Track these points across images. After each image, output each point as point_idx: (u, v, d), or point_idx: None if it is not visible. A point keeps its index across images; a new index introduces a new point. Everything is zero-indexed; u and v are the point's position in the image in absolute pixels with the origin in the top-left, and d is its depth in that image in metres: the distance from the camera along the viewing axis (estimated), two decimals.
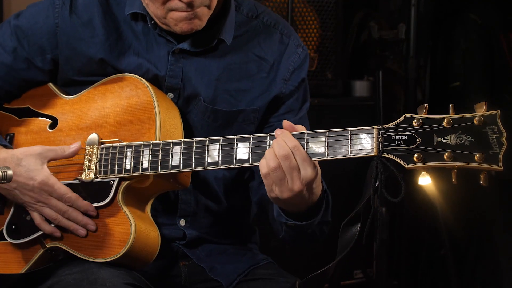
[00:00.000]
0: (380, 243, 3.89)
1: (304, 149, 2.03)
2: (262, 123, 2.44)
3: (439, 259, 4.16)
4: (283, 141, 2.03)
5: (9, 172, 1.96)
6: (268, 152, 2.04)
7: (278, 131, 2.07)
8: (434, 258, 4.27)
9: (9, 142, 2.41)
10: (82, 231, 2.22)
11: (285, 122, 2.09)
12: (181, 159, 2.16)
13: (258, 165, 2.08)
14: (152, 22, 2.33)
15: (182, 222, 2.42)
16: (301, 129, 2.09)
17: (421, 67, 4.29)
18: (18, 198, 2.25)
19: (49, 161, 2.24)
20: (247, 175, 2.49)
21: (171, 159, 2.16)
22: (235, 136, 2.12)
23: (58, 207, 2.22)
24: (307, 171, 2.03)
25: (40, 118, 2.41)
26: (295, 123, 2.39)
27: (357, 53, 4.35)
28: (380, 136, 1.96)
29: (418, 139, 1.92)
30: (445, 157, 1.88)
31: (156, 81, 2.35)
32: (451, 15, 4.35)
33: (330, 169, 2.20)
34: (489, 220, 4.17)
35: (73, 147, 2.27)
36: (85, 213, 2.23)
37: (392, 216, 4.08)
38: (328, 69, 4.07)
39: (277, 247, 3.80)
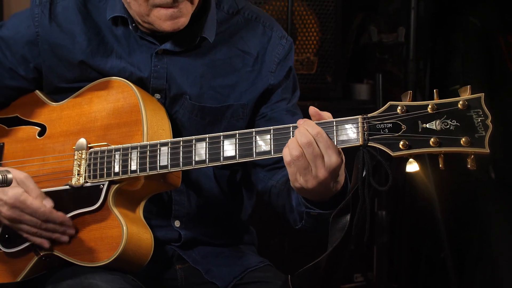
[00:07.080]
0: (380, 247, 3.91)
1: (333, 136, 1.99)
2: (254, 116, 2.43)
3: (439, 261, 4.15)
4: (305, 129, 1.99)
5: (9, 175, 1.96)
6: (291, 141, 2.00)
7: (300, 121, 2.03)
8: (434, 261, 4.26)
9: None
10: (65, 238, 2.22)
11: (312, 109, 2.04)
12: (169, 159, 2.15)
13: (245, 161, 2.08)
14: (133, 24, 2.33)
15: (177, 223, 2.41)
16: (327, 116, 2.03)
17: (421, 70, 4.28)
18: None
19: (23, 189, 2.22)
20: (240, 175, 2.49)
21: (159, 160, 2.16)
22: (221, 134, 2.11)
23: (33, 222, 2.21)
24: (331, 158, 1.98)
25: (29, 126, 2.42)
26: (289, 109, 2.39)
27: (356, 56, 4.35)
28: (365, 125, 1.94)
29: (403, 126, 1.90)
30: (431, 142, 1.86)
31: (141, 84, 2.35)
32: (451, 18, 4.35)
33: None
34: (489, 222, 4.16)
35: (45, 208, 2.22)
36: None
37: (392, 220, 4.08)
38: (328, 72, 4.07)
39: (276, 250, 3.81)
